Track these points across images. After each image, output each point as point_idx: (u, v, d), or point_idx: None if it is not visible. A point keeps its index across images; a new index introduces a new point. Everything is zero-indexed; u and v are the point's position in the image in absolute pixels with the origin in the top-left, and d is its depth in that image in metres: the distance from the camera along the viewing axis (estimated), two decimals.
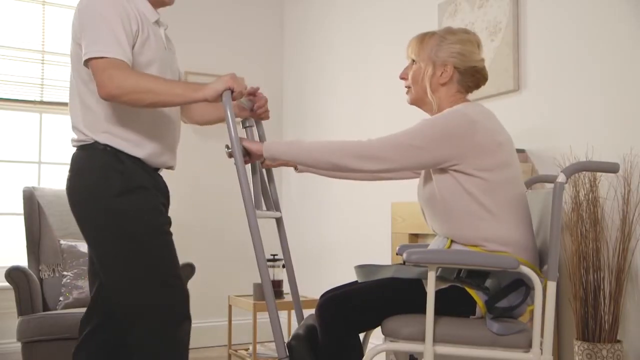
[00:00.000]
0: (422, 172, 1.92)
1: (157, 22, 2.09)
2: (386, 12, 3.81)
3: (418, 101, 1.94)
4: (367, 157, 1.75)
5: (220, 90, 1.89)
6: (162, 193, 2.11)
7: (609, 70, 2.51)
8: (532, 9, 2.85)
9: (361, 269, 1.92)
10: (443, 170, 1.78)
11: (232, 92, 1.90)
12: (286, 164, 2.15)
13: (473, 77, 1.88)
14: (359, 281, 1.92)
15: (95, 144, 1.97)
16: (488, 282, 1.73)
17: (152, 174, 2.06)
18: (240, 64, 4.68)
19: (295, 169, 2.22)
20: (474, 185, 1.74)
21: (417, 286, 1.76)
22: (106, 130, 1.96)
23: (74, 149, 2.04)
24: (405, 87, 1.96)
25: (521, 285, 1.72)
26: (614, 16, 2.50)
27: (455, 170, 1.75)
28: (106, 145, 1.96)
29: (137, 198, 1.97)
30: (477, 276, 1.74)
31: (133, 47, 1.95)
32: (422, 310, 1.68)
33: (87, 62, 1.89)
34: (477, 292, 1.73)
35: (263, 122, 2.23)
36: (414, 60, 1.93)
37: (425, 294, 1.69)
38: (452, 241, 1.80)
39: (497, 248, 1.74)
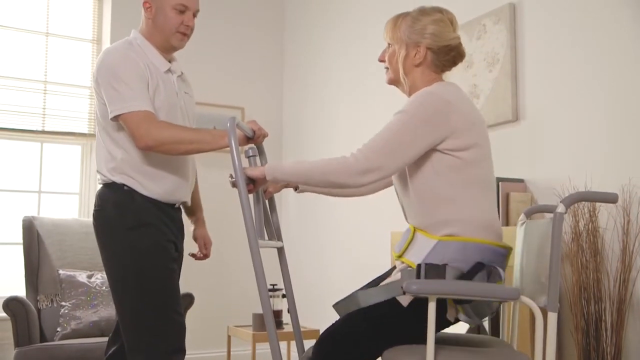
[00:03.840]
0: None
1: (168, 71, 2.25)
2: (384, 41, 3.84)
3: (395, 81, 1.96)
4: (364, 170, 1.76)
5: (243, 135, 2.10)
6: (176, 228, 2.26)
7: (607, 101, 2.54)
8: (530, 39, 2.89)
9: (338, 305, 1.88)
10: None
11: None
12: (287, 185, 2.18)
13: (448, 55, 1.89)
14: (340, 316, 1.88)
15: (114, 183, 2.16)
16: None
17: (166, 211, 2.21)
18: (241, 91, 4.71)
19: (295, 189, 2.24)
20: (445, 164, 1.75)
21: (406, 311, 1.74)
22: (123, 172, 2.15)
23: (100, 186, 2.23)
24: (385, 67, 1.99)
25: (481, 269, 1.70)
26: (612, 48, 2.53)
27: (432, 150, 1.76)
28: (123, 184, 2.15)
29: (143, 234, 2.12)
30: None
31: None
32: (419, 333, 1.67)
33: (116, 118, 2.09)
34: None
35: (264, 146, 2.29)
36: (389, 44, 1.96)
37: (414, 316, 1.69)
38: (415, 229, 1.80)
39: (458, 231, 1.73)
